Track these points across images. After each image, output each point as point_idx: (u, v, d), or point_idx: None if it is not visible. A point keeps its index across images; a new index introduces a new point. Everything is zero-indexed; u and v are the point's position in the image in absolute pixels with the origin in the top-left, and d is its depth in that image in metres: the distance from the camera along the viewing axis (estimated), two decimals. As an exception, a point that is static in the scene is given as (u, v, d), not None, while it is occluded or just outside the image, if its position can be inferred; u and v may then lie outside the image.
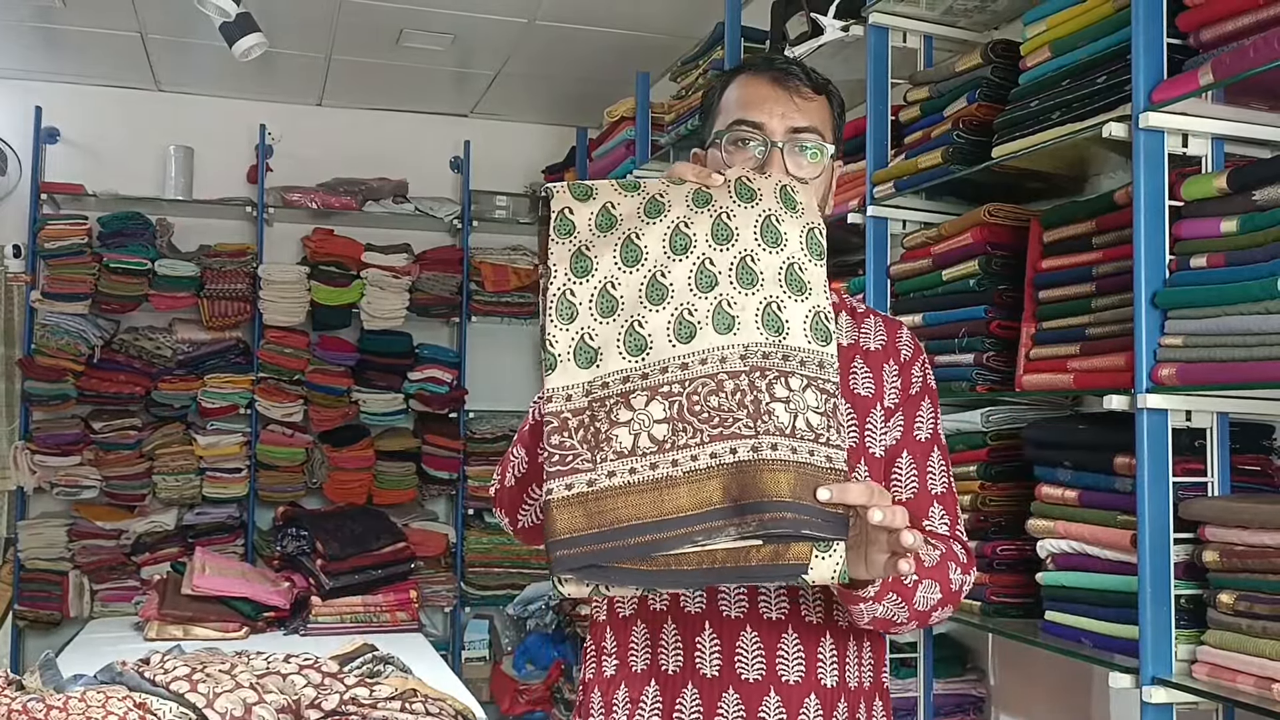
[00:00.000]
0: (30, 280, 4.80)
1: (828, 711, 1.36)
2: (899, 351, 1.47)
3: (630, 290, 1.13)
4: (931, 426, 1.46)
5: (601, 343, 1.12)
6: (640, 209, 1.16)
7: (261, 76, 4.85)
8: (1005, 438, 2.34)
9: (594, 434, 1.09)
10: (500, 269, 5.32)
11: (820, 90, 1.41)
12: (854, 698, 1.39)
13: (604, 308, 1.12)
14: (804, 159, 1.37)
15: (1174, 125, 1.87)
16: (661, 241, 1.15)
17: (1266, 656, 1.66)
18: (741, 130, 1.37)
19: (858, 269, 2.84)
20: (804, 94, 1.39)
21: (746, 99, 1.39)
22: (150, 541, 4.76)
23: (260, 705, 2.16)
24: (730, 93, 1.42)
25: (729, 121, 1.39)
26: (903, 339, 1.49)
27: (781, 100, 1.38)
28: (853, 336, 1.46)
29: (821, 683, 1.36)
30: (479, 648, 5.26)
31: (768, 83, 1.39)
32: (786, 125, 1.37)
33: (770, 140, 1.36)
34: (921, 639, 2.63)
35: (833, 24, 2.76)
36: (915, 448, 1.43)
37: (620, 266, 1.14)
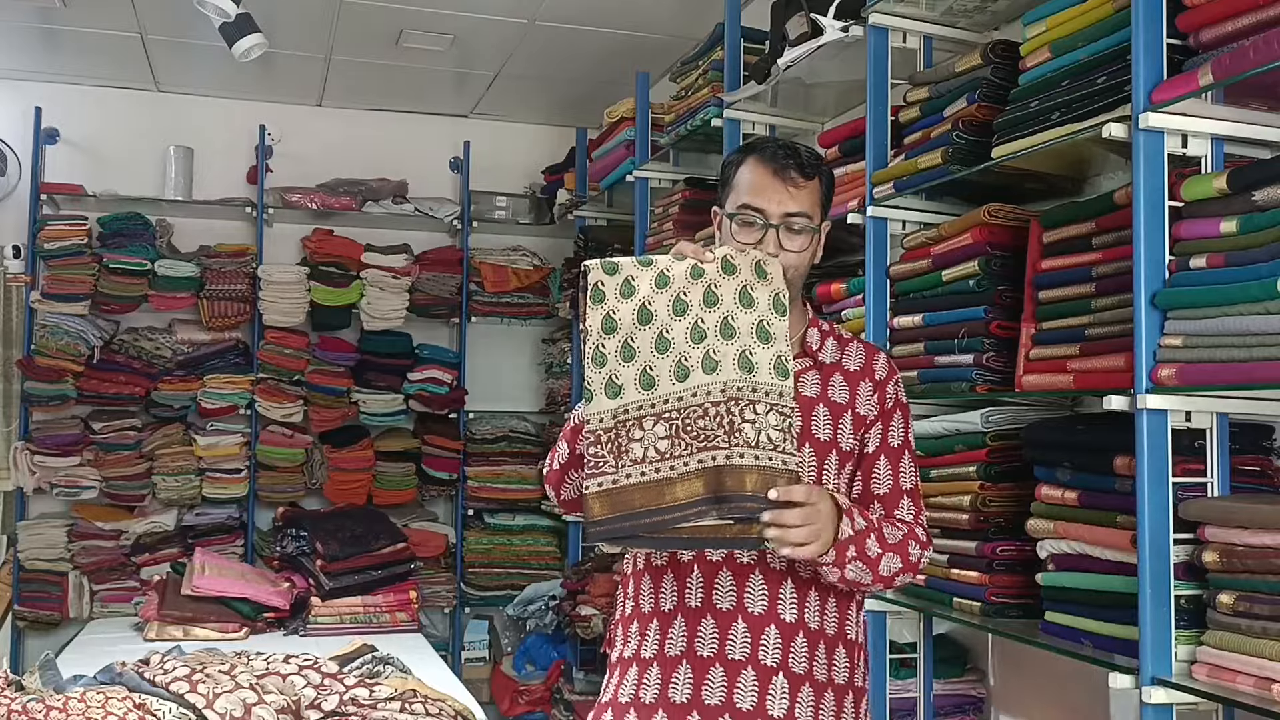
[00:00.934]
0: (30, 281, 4.80)
1: (785, 642, 1.72)
2: (874, 372, 1.83)
3: (644, 343, 1.58)
4: (903, 435, 1.83)
5: (623, 381, 1.56)
6: (652, 281, 1.60)
7: (261, 77, 4.85)
8: (1005, 438, 2.34)
9: (617, 446, 1.54)
10: (500, 269, 5.32)
11: (812, 175, 1.75)
12: (814, 636, 1.74)
13: (625, 356, 1.57)
14: (794, 236, 1.74)
15: (1174, 126, 1.87)
16: (667, 307, 1.59)
17: (1266, 657, 1.66)
18: (747, 214, 1.74)
19: (857, 269, 2.84)
20: (798, 183, 1.73)
21: (752, 185, 1.74)
22: (150, 542, 4.76)
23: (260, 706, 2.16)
24: (742, 173, 1.77)
25: (738, 204, 1.75)
26: (878, 362, 1.84)
27: (778, 190, 1.73)
28: (836, 357, 1.83)
29: (781, 617, 1.73)
30: (479, 648, 5.26)
31: (770, 174, 1.73)
32: (781, 210, 1.73)
33: (769, 223, 1.72)
34: (921, 640, 2.63)
35: (833, 24, 2.76)
36: (890, 453, 1.81)
37: (637, 325, 1.58)
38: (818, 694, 1.73)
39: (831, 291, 2.89)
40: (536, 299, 5.39)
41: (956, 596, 2.36)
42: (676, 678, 1.72)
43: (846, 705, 1.77)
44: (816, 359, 1.81)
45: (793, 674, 1.71)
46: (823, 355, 1.81)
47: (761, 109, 3.44)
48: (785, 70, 2.98)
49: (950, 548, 2.40)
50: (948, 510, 2.40)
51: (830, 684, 1.75)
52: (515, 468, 5.26)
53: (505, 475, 5.24)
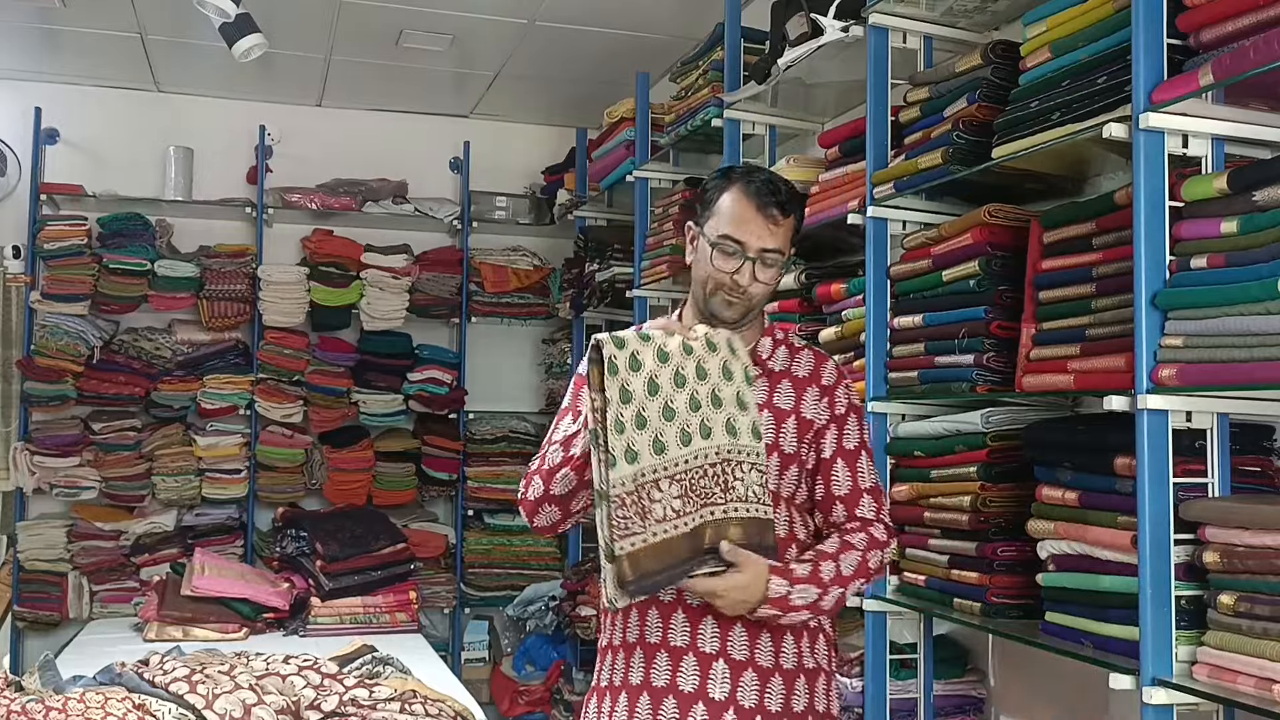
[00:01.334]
0: (30, 281, 4.80)
1: (762, 684, 1.85)
2: (821, 379, 1.96)
3: (653, 413, 1.73)
4: (858, 437, 1.96)
5: (639, 448, 1.71)
6: (654, 356, 1.75)
7: (261, 77, 4.85)
8: (1005, 439, 2.34)
9: (641, 508, 1.70)
10: (500, 270, 5.32)
11: (789, 213, 1.90)
12: (789, 676, 1.88)
13: (639, 424, 1.71)
14: (767, 269, 1.89)
15: (1174, 126, 1.87)
16: (669, 379, 1.75)
17: (1267, 657, 1.66)
18: (728, 244, 1.88)
19: (857, 270, 2.84)
20: (777, 220, 1.88)
21: (735, 217, 1.88)
22: (150, 542, 4.76)
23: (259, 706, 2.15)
24: (725, 200, 1.90)
25: (720, 233, 1.88)
26: (826, 369, 1.98)
27: (760, 225, 1.87)
28: (785, 365, 1.97)
29: (759, 662, 1.86)
30: (478, 649, 5.26)
31: (753, 209, 1.87)
32: (760, 246, 1.87)
33: (747, 255, 1.87)
34: (921, 640, 2.63)
35: (833, 24, 2.76)
36: (846, 455, 1.94)
37: (647, 396, 1.73)
38: (763, 679, 1.86)
39: (831, 291, 2.89)
40: (536, 299, 5.39)
41: (957, 597, 2.36)
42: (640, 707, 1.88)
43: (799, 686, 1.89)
44: (766, 366, 1.95)
45: (742, 709, 1.84)
46: (772, 363, 1.96)
47: (761, 109, 3.44)
48: (785, 70, 2.98)
49: (950, 548, 2.40)
50: (948, 510, 2.40)
51: (778, 669, 1.88)
52: (515, 468, 5.26)
53: (505, 476, 5.24)
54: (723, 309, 1.90)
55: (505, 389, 5.51)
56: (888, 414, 2.63)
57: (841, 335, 2.84)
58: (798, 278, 3.05)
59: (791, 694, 1.88)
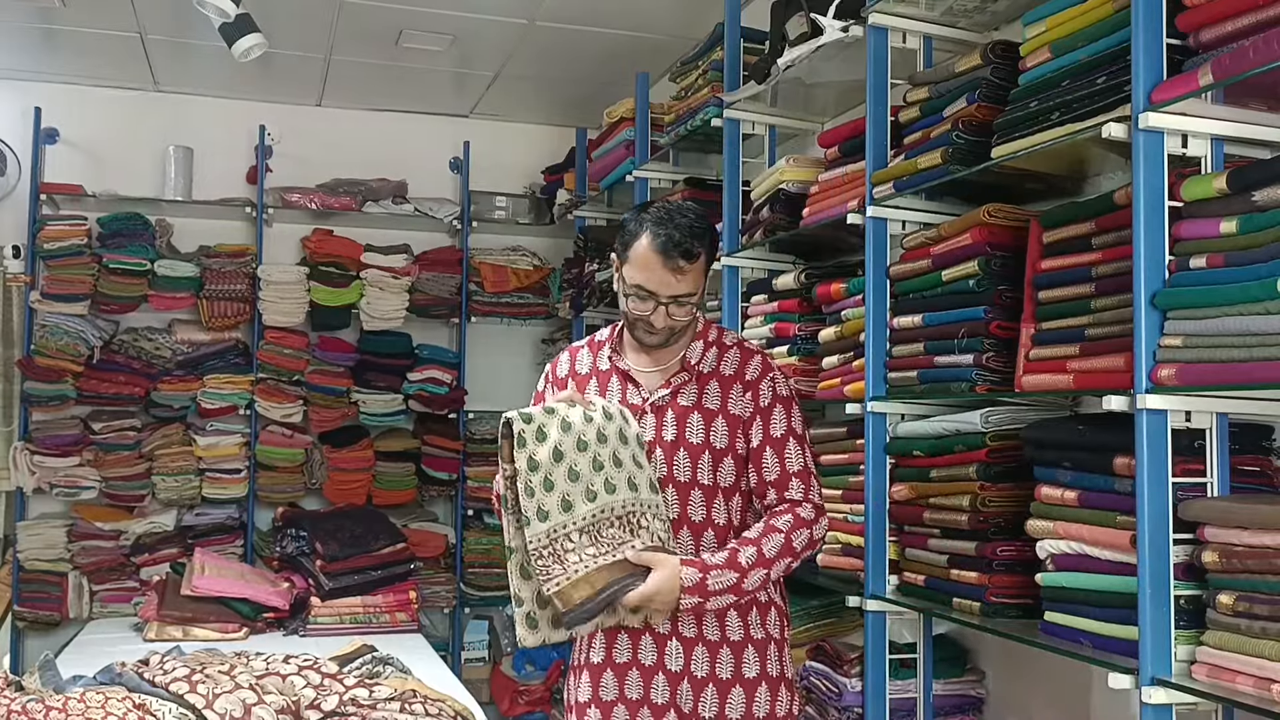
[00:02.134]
0: (30, 281, 4.80)
1: (713, 657, 2.08)
2: (745, 375, 2.13)
3: (560, 476, 1.96)
4: (785, 425, 2.11)
5: (550, 507, 1.94)
6: (559, 427, 1.98)
7: (261, 77, 4.85)
8: (1005, 438, 2.34)
9: (557, 556, 1.92)
10: (500, 269, 5.32)
11: (694, 257, 2.05)
12: (737, 647, 2.09)
13: (546, 487, 1.94)
14: (680, 307, 2.06)
15: (1173, 126, 1.87)
16: (573, 446, 1.98)
17: (1266, 657, 1.66)
18: (641, 292, 2.06)
19: (857, 269, 2.84)
20: (683, 270, 2.04)
21: (645, 268, 2.04)
22: (150, 542, 4.76)
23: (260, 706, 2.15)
24: (637, 249, 2.06)
25: (633, 282, 2.06)
26: (751, 365, 2.14)
27: (667, 277, 2.04)
28: (713, 365, 2.15)
29: (706, 636, 2.08)
30: (478, 648, 5.26)
31: (660, 263, 2.03)
32: (669, 294, 2.05)
33: (658, 301, 2.05)
34: (921, 640, 2.63)
35: (832, 24, 2.76)
36: (773, 442, 2.10)
37: (553, 463, 1.95)
38: (722, 692, 2.08)
39: (831, 291, 2.89)
40: (536, 299, 5.39)
41: (956, 597, 2.36)
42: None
43: (760, 694, 2.11)
44: (695, 370, 2.13)
45: (694, 678, 2.08)
46: (701, 365, 2.14)
47: (761, 109, 3.44)
48: (785, 70, 2.98)
49: (950, 548, 2.40)
50: (947, 510, 2.40)
51: (739, 680, 2.09)
52: (515, 468, 5.26)
53: (505, 475, 5.24)
54: (645, 337, 2.11)
55: (505, 389, 5.50)
56: (887, 414, 2.63)
57: (841, 335, 2.84)
58: (797, 278, 3.05)
59: (752, 702, 2.09)
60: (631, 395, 2.15)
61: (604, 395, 2.16)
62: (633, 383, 2.15)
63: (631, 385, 2.15)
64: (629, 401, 2.14)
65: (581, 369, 2.23)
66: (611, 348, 2.20)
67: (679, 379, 2.13)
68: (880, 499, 2.60)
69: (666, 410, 2.12)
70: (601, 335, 2.26)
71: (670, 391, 2.13)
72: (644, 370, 2.16)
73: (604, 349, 2.22)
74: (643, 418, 2.12)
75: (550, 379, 2.26)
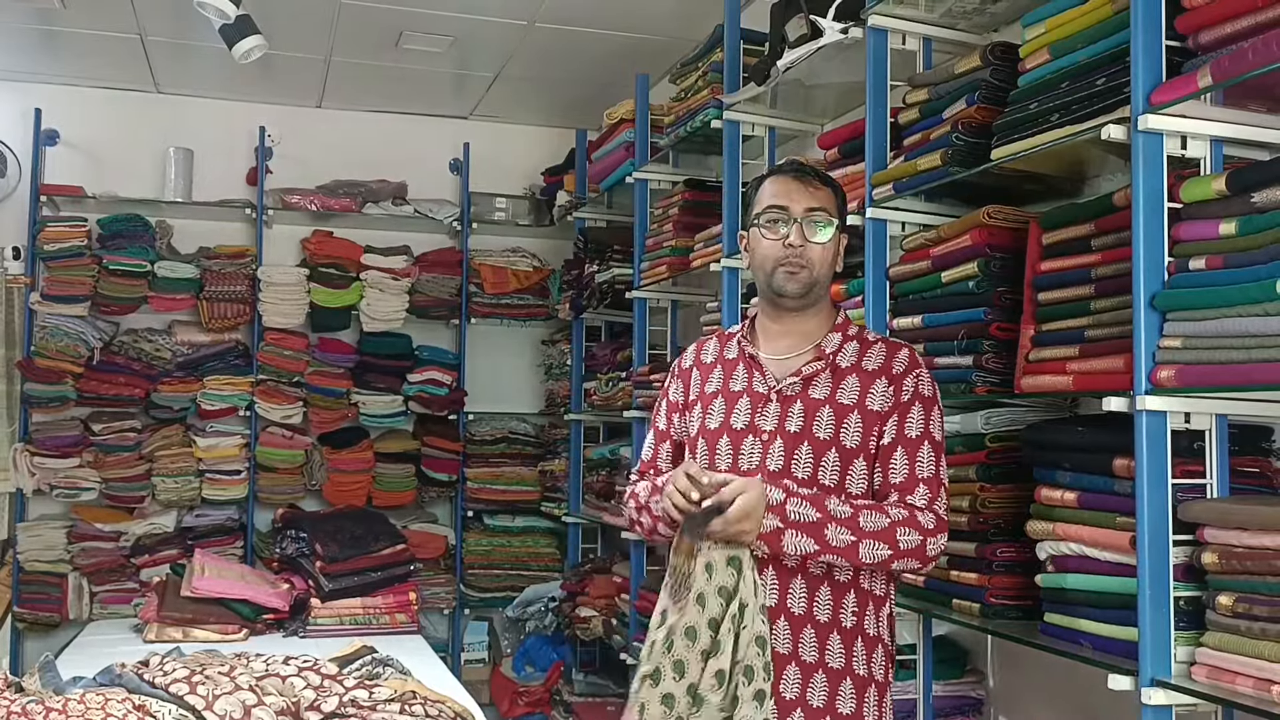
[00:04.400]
0: (30, 282, 4.80)
1: (795, 634, 1.88)
2: (892, 369, 1.98)
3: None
4: (922, 426, 1.95)
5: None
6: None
7: (261, 78, 4.85)
8: (1004, 440, 2.34)
9: None
10: (500, 271, 5.32)
11: (827, 184, 2.00)
12: (823, 629, 1.90)
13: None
14: (817, 228, 1.97)
15: (1173, 127, 1.87)
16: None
17: (1265, 658, 1.66)
18: (774, 212, 1.98)
19: (857, 271, 2.84)
20: (817, 186, 1.98)
21: (775, 192, 1.99)
22: (150, 543, 4.76)
23: (259, 707, 2.15)
24: (765, 188, 2.02)
25: (764, 206, 1.98)
26: (898, 358, 1.99)
27: (800, 190, 1.97)
28: (854, 360, 1.99)
29: (791, 610, 1.89)
30: (478, 650, 5.26)
31: (791, 179, 1.99)
32: (804, 206, 1.96)
33: (794, 217, 1.96)
34: (921, 641, 2.63)
35: (832, 26, 2.76)
36: (906, 443, 1.94)
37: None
38: (832, 681, 1.89)
39: (831, 292, 2.88)
40: (536, 300, 5.39)
41: (956, 598, 2.36)
42: None
43: (869, 697, 1.91)
44: (832, 362, 1.98)
45: (804, 663, 1.88)
46: (839, 359, 1.99)
47: (761, 110, 3.44)
48: (785, 72, 2.98)
49: (950, 549, 2.39)
50: (947, 512, 2.40)
51: (849, 672, 1.90)
52: (515, 469, 5.27)
53: (505, 477, 5.25)
54: (786, 282, 1.97)
55: (505, 390, 5.51)
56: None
57: (841, 336, 2.84)
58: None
59: (836, 695, 1.90)
60: (757, 383, 1.99)
61: (728, 383, 2.03)
62: (759, 369, 2.01)
63: (758, 372, 2.01)
64: (754, 389, 1.99)
65: (707, 358, 2.11)
66: (743, 335, 2.07)
67: (812, 368, 1.97)
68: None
69: (795, 401, 1.95)
70: (734, 328, 2.15)
71: (801, 380, 1.96)
72: (775, 357, 2.01)
73: (733, 339, 2.10)
74: (766, 405, 1.96)
75: (676, 372, 2.17)
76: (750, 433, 1.96)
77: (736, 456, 1.97)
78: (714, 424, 2.01)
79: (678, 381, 2.15)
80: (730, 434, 1.98)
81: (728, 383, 2.03)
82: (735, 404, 2.00)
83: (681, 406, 2.13)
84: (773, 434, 1.94)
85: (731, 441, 1.98)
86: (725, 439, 1.99)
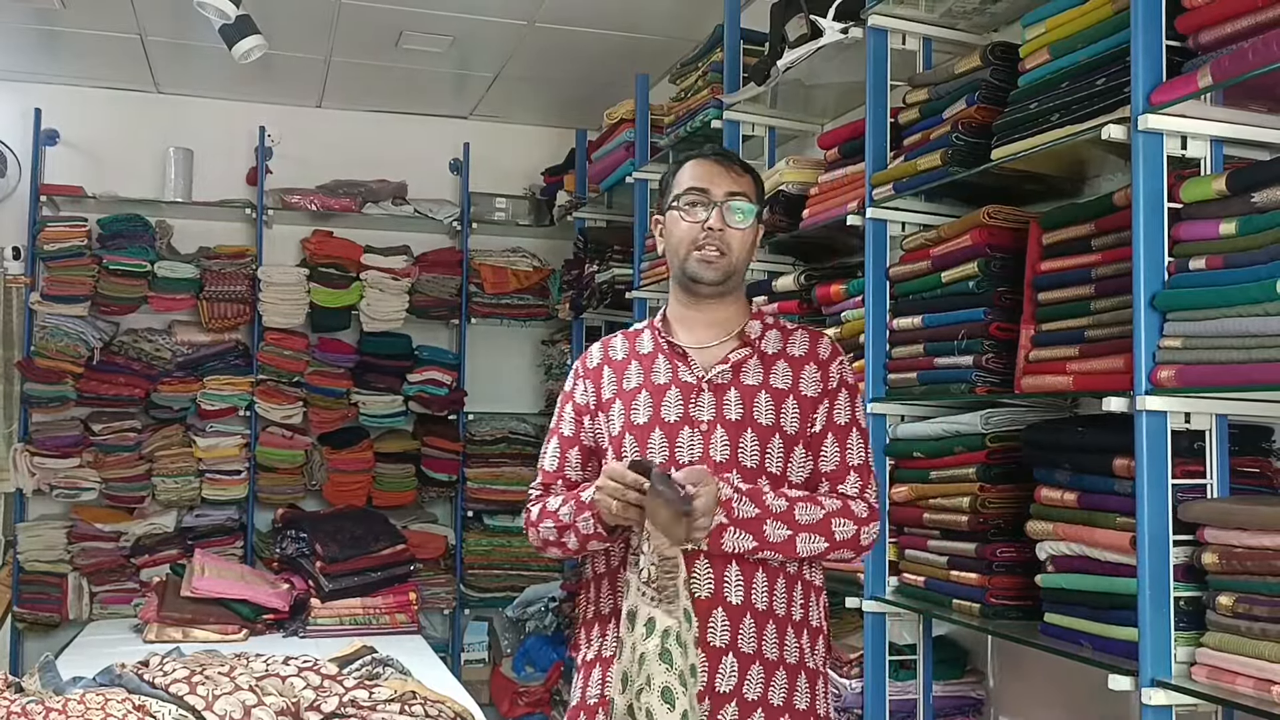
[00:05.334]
0: (29, 282, 4.80)
1: (733, 624, 1.83)
2: (818, 355, 1.96)
3: None
4: (849, 413, 1.95)
5: None
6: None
7: (261, 78, 4.85)
8: (1004, 440, 2.34)
9: None
10: (500, 271, 5.32)
11: (748, 171, 1.97)
12: (761, 618, 1.85)
13: None
14: (737, 215, 1.92)
15: (1173, 127, 1.87)
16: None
17: (1266, 658, 1.66)
18: (692, 194, 1.92)
19: (857, 271, 2.84)
20: (737, 171, 1.94)
21: (695, 175, 1.93)
22: (149, 543, 4.76)
23: (259, 708, 2.15)
24: (683, 171, 1.96)
25: (683, 188, 1.93)
26: (822, 345, 1.98)
27: (721, 174, 1.93)
28: (779, 346, 1.97)
29: (728, 599, 1.84)
30: (478, 650, 5.26)
31: (711, 162, 1.94)
32: (725, 190, 1.91)
33: (713, 200, 1.90)
34: (920, 641, 2.63)
35: (832, 26, 2.76)
36: (836, 430, 1.93)
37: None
38: (768, 672, 1.85)
39: (831, 293, 2.89)
40: (536, 300, 5.39)
41: (956, 598, 2.36)
42: None
43: (800, 684, 1.88)
44: (757, 348, 1.94)
45: (741, 654, 1.84)
46: (764, 345, 1.95)
47: (761, 110, 3.44)
48: (785, 72, 2.98)
49: (950, 549, 2.40)
50: (947, 512, 2.40)
51: (781, 663, 1.86)
52: (515, 469, 5.26)
53: (505, 477, 5.24)
54: (703, 269, 1.91)
55: (505, 390, 5.51)
56: (887, 415, 2.63)
57: (841, 336, 2.84)
58: (797, 279, 3.05)
59: (794, 691, 1.87)
60: (683, 373, 1.92)
61: (649, 377, 1.94)
62: (682, 359, 1.93)
63: (681, 362, 1.93)
64: (681, 380, 1.92)
65: (617, 355, 2.01)
66: (656, 327, 1.99)
67: (740, 354, 1.92)
68: (880, 500, 2.59)
69: (728, 389, 1.90)
70: (638, 325, 2.07)
71: (731, 368, 1.91)
72: (699, 346, 1.95)
73: (643, 334, 2.02)
74: (698, 395, 1.89)
75: (581, 374, 2.04)
76: (686, 424, 1.89)
77: (673, 450, 1.88)
78: (642, 419, 1.91)
79: (585, 382, 2.02)
80: (663, 427, 1.90)
81: (649, 376, 1.94)
82: (663, 397, 1.91)
83: (594, 408, 1.99)
84: (712, 423, 1.88)
85: (666, 435, 1.89)
86: (658, 432, 1.90)
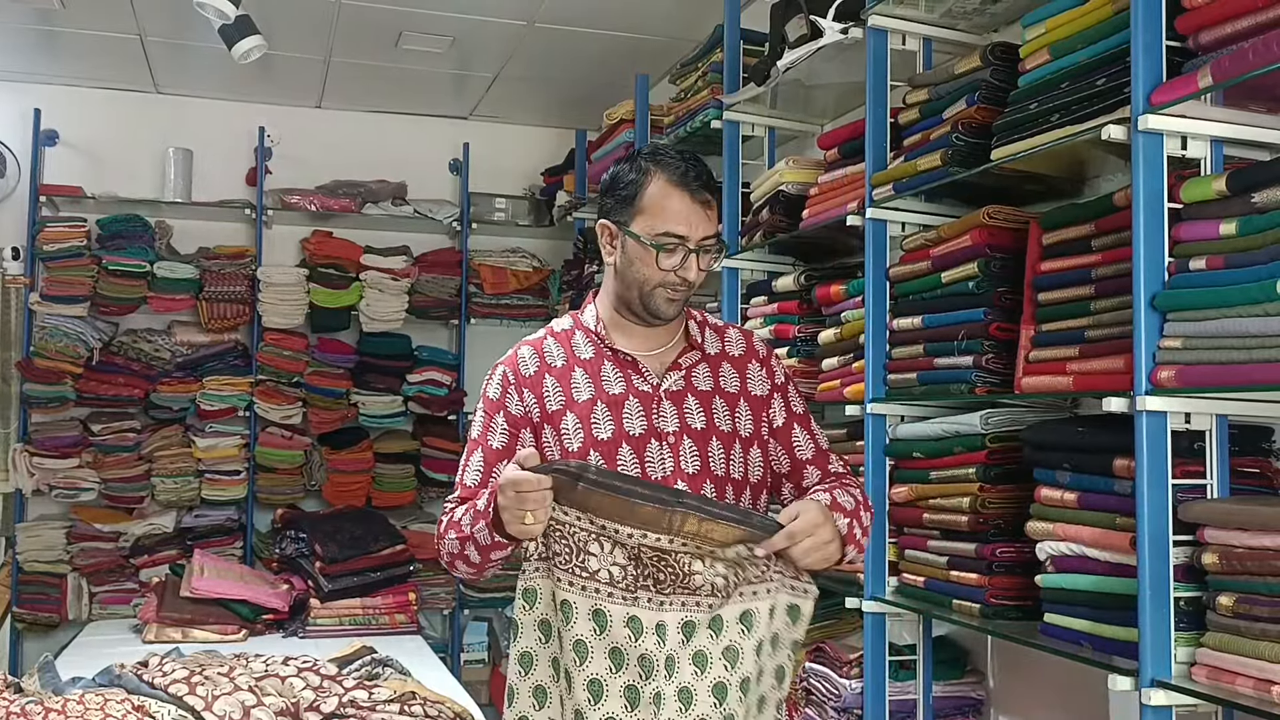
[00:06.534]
0: (29, 283, 4.80)
1: None
2: (757, 352, 1.95)
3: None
4: (801, 403, 1.95)
5: None
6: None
7: (261, 79, 4.85)
8: (1004, 440, 2.34)
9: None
10: (499, 271, 5.32)
11: (716, 193, 1.86)
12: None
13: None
14: (707, 255, 1.82)
15: (1173, 128, 1.87)
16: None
17: (1265, 659, 1.66)
18: (669, 241, 1.79)
19: (857, 271, 2.84)
20: (711, 205, 1.83)
21: (671, 212, 1.80)
22: (149, 544, 4.76)
23: (259, 708, 2.15)
24: (653, 193, 1.81)
25: (659, 230, 1.80)
26: (755, 341, 1.97)
27: (698, 216, 1.80)
28: (718, 346, 1.92)
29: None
30: (478, 650, 5.25)
31: (687, 199, 1.80)
32: (700, 236, 1.81)
33: (689, 249, 1.80)
34: (920, 642, 2.64)
35: (832, 26, 2.76)
36: (799, 420, 1.92)
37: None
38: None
39: (831, 293, 2.89)
40: (536, 301, 5.39)
41: (956, 598, 2.36)
42: None
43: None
44: (703, 351, 1.89)
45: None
46: (707, 346, 1.90)
47: (761, 111, 3.44)
48: (785, 72, 2.98)
49: (950, 549, 2.40)
50: (947, 512, 2.40)
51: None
52: (514, 469, 5.25)
53: (504, 477, 5.24)
54: (667, 307, 1.82)
55: (504, 390, 5.51)
56: (886, 415, 2.63)
57: (841, 337, 2.84)
58: (797, 279, 3.05)
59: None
60: (638, 382, 1.83)
61: (601, 387, 1.83)
62: (633, 367, 1.84)
63: (633, 371, 1.84)
64: (638, 389, 1.83)
65: (555, 362, 1.87)
66: (593, 333, 1.88)
67: (689, 359, 1.86)
68: (880, 500, 2.60)
69: (685, 396, 1.83)
70: (562, 324, 1.94)
71: (683, 375, 1.85)
72: (647, 353, 1.86)
73: (575, 336, 1.90)
74: (658, 405, 1.81)
75: (514, 382, 1.87)
76: (652, 436, 1.80)
77: (643, 465, 1.79)
78: (605, 434, 1.80)
79: (524, 392, 1.85)
80: (629, 441, 1.79)
81: (600, 386, 1.83)
82: (622, 409, 1.81)
83: (537, 420, 1.84)
84: (678, 434, 1.80)
85: (633, 449, 1.79)
86: (625, 447, 1.79)
